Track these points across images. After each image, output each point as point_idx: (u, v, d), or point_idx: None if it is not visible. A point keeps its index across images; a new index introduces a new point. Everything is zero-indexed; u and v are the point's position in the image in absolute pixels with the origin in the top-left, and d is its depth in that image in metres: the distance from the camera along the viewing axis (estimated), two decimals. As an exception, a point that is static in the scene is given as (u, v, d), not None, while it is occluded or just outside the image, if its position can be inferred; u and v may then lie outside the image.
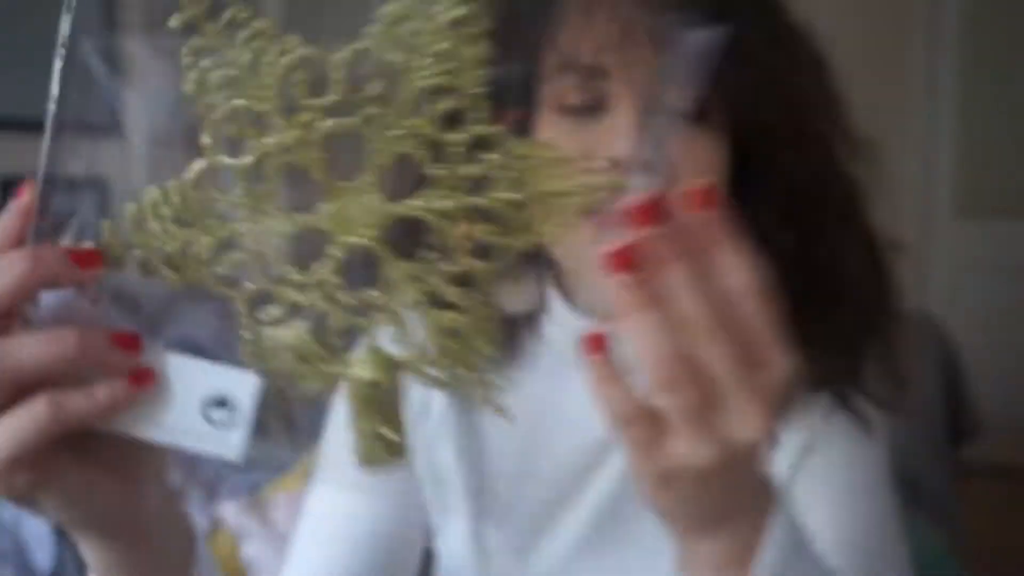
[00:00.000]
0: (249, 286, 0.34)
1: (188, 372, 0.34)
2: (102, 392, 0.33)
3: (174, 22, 0.31)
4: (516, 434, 0.65)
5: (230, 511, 1.13)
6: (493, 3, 0.60)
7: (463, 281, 0.34)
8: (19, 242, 0.35)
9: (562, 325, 0.64)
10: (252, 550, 1.12)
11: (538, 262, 0.65)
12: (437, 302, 0.34)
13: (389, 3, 0.31)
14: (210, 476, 1.37)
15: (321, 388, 0.36)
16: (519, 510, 0.65)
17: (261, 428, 0.37)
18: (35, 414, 0.32)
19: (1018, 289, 2.76)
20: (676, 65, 0.47)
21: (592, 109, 0.57)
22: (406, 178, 0.34)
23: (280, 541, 1.11)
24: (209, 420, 0.35)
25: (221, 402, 0.35)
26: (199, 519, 1.27)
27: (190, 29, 0.31)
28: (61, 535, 1.02)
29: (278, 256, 0.34)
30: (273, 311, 0.34)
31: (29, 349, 0.32)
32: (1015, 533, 2.48)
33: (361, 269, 0.34)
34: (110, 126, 0.38)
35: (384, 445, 0.35)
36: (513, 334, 0.66)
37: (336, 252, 0.33)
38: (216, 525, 1.25)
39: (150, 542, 0.40)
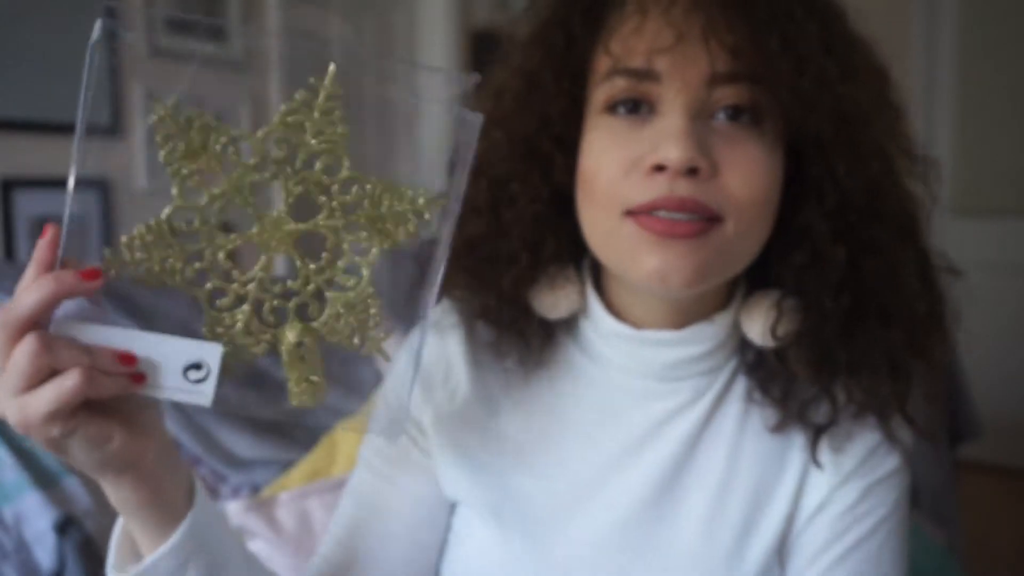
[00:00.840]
0: (208, 286, 0.50)
1: (173, 347, 0.49)
2: (115, 381, 0.47)
3: (150, 121, 0.48)
4: (541, 430, 0.65)
5: (233, 510, 1.14)
6: (543, 6, 0.61)
7: (351, 271, 0.51)
8: (51, 265, 0.47)
9: (599, 329, 0.64)
10: (255, 548, 1.12)
11: (582, 269, 0.65)
12: (335, 286, 0.51)
13: (284, 105, 0.48)
14: (211, 477, 1.37)
15: (263, 351, 0.51)
16: (538, 504, 0.64)
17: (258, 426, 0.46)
18: (73, 379, 0.45)
19: (1017, 288, 2.76)
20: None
21: (641, 112, 0.57)
22: (304, 208, 0.49)
23: (283, 539, 1.11)
24: (188, 379, 0.49)
25: (196, 366, 0.49)
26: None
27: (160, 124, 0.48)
28: (63, 534, 1.02)
29: (226, 263, 0.50)
30: (225, 301, 0.50)
31: (21, 298, 0.46)
32: (1015, 533, 2.48)
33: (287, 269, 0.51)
34: (110, 126, 0.47)
35: (312, 388, 0.52)
36: (550, 337, 0.66)
37: (265, 259, 0.51)
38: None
39: (156, 480, 0.51)
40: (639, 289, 0.60)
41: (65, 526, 1.03)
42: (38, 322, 0.46)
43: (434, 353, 0.68)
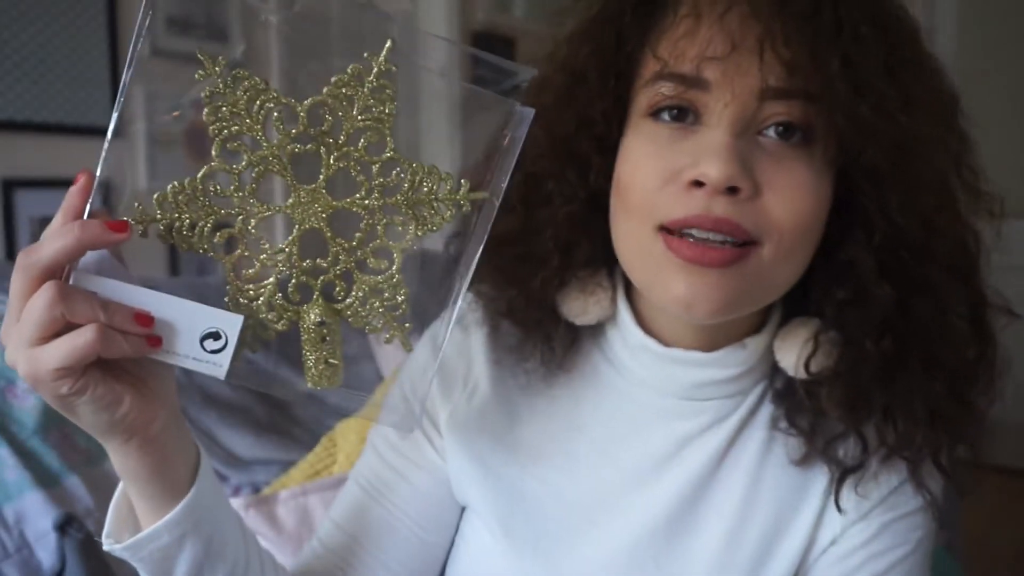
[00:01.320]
0: (235, 253, 0.49)
1: (193, 312, 0.47)
2: (130, 342, 0.46)
3: (198, 76, 0.46)
4: (558, 439, 0.64)
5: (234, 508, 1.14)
6: (591, 6, 0.59)
7: (382, 255, 0.50)
8: (79, 214, 0.46)
9: (627, 341, 0.62)
10: (254, 548, 1.12)
11: (615, 275, 0.62)
12: (365, 269, 0.50)
13: (335, 76, 0.47)
14: (211, 475, 1.38)
15: (283, 328, 0.50)
16: (550, 518, 0.63)
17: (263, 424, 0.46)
18: (87, 336, 0.44)
19: (1015, 288, 2.76)
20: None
21: (687, 121, 0.54)
22: (342, 185, 0.48)
23: (283, 537, 1.11)
24: (204, 348, 0.47)
25: (215, 335, 0.47)
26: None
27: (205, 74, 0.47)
28: (64, 534, 1.02)
29: (256, 233, 0.49)
30: (251, 272, 0.49)
31: (44, 244, 0.44)
32: (1015, 533, 2.48)
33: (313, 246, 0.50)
34: (112, 128, 0.50)
35: (330, 370, 0.50)
36: (575, 342, 0.64)
37: (297, 231, 0.49)
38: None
39: (162, 449, 0.51)
40: (665, 311, 0.59)
41: (66, 525, 1.03)
42: (58, 271, 0.45)
43: (455, 350, 0.67)
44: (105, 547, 0.53)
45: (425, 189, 0.48)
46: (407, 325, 0.50)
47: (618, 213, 0.57)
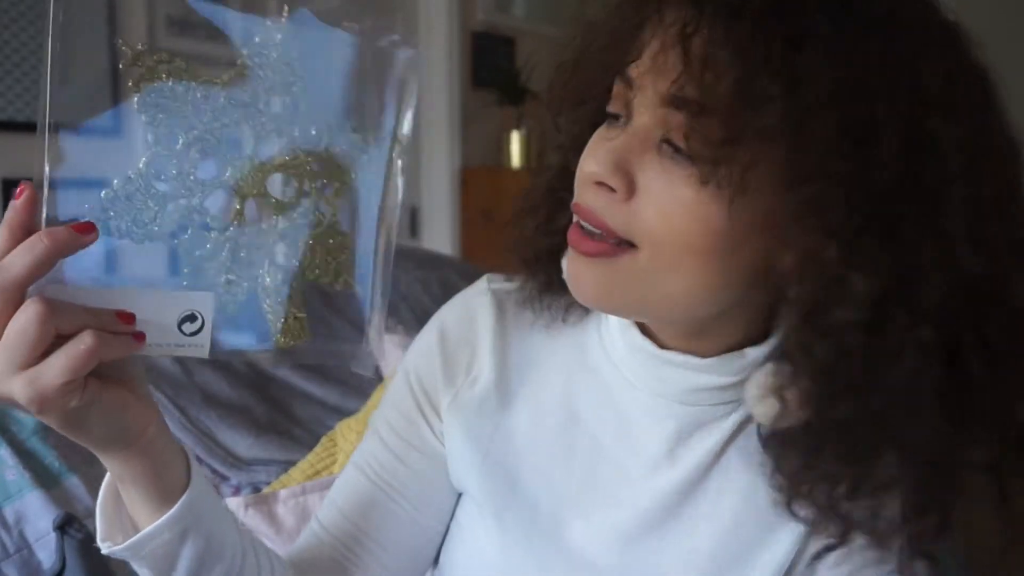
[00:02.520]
0: (186, 235, 0.49)
1: (165, 300, 0.47)
2: (120, 342, 0.45)
3: (121, 65, 0.47)
4: (553, 430, 0.64)
5: (232, 507, 1.14)
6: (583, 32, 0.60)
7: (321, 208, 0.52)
8: (29, 227, 0.44)
9: (624, 335, 0.62)
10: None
11: None
12: (307, 224, 0.52)
13: (244, 49, 0.50)
14: (212, 477, 1.38)
15: (244, 296, 0.51)
16: (542, 510, 0.63)
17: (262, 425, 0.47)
18: (87, 343, 0.43)
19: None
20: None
21: (620, 122, 0.55)
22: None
23: (283, 536, 1.11)
24: (184, 333, 0.48)
25: (191, 317, 0.48)
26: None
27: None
28: (64, 534, 1.02)
29: (202, 210, 0.49)
30: (206, 248, 0.50)
31: (14, 260, 0.43)
32: (1014, 533, 2.47)
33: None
34: (111, 127, 0.50)
35: (298, 325, 0.53)
36: (578, 311, 0.65)
37: (239, 202, 0.50)
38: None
39: (159, 451, 0.51)
40: None
41: (66, 525, 1.03)
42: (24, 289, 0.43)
43: (460, 335, 0.67)
44: (104, 551, 0.53)
45: (334, 143, 0.51)
46: (352, 271, 0.54)
47: None
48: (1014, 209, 0.51)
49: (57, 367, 0.42)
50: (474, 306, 0.68)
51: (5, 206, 1.85)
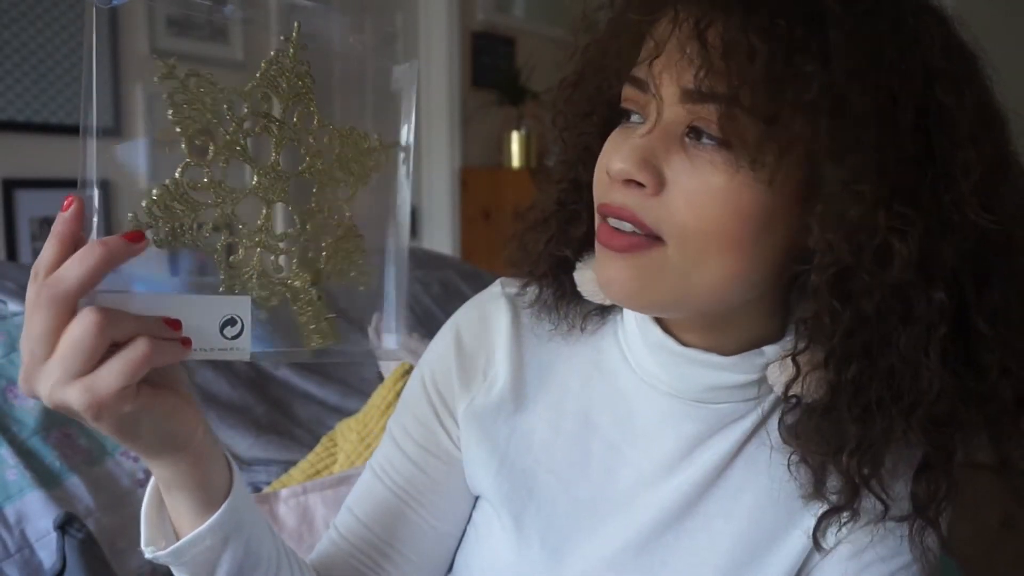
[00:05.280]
0: (222, 241, 0.51)
1: (206, 306, 0.49)
2: (170, 348, 0.46)
3: (155, 77, 0.48)
4: (571, 434, 0.64)
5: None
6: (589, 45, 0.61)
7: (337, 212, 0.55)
8: (76, 239, 0.45)
9: (645, 335, 0.62)
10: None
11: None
12: (327, 229, 0.54)
13: (263, 63, 0.52)
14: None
15: (276, 303, 0.53)
16: (560, 513, 0.64)
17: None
18: (141, 350, 0.44)
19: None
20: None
21: (633, 121, 0.56)
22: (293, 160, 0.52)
23: (284, 535, 1.11)
24: (226, 336, 0.49)
25: (231, 321, 0.49)
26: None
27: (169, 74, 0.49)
28: (65, 533, 1.02)
29: (233, 217, 0.51)
30: (238, 256, 0.51)
31: (68, 271, 0.43)
32: (1010, 532, 2.48)
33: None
34: (112, 127, 0.50)
35: (329, 326, 0.55)
36: (595, 318, 0.66)
37: (266, 209, 0.53)
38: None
39: (205, 455, 0.52)
40: None
41: (67, 525, 1.03)
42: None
43: (476, 340, 0.67)
44: (147, 555, 0.54)
45: (352, 146, 0.54)
46: (371, 269, 0.56)
47: None
48: (1013, 170, 0.54)
49: (113, 374, 0.43)
50: (489, 311, 0.68)
51: (5, 206, 1.86)
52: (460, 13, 3.15)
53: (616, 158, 0.53)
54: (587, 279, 0.63)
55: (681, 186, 0.52)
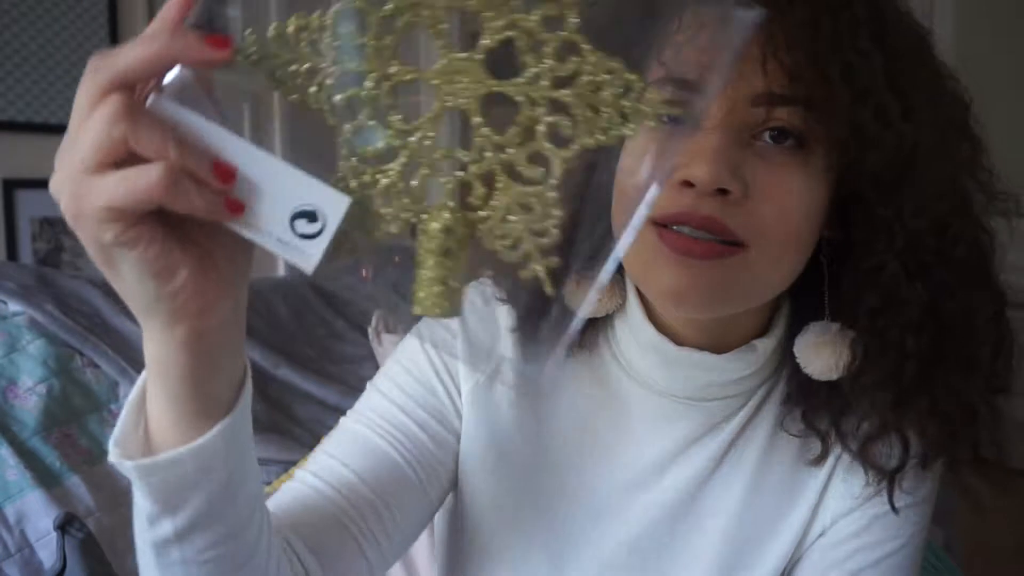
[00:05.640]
0: (357, 120, 0.38)
1: (288, 179, 0.37)
2: (203, 198, 0.36)
3: None
4: (564, 435, 0.64)
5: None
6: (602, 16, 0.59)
7: (538, 162, 0.38)
8: (177, 24, 0.37)
9: (638, 338, 0.62)
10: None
11: (620, 269, 0.62)
12: (513, 175, 0.38)
13: None
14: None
15: (396, 229, 0.39)
16: (557, 510, 0.64)
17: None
18: (150, 176, 0.35)
19: (1014, 288, 2.77)
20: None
21: (685, 124, 0.54)
22: (507, 63, 0.39)
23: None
24: (294, 230, 0.37)
25: (310, 215, 0.37)
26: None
27: None
28: (65, 533, 1.02)
29: (388, 98, 0.38)
30: (373, 148, 0.38)
31: (124, 50, 0.35)
32: (1013, 533, 2.48)
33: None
34: None
35: (447, 294, 0.39)
36: (585, 334, 0.64)
37: (438, 106, 0.38)
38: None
39: (211, 351, 0.40)
40: (657, 304, 0.59)
41: (67, 525, 1.03)
42: (133, 87, 0.36)
43: (482, 323, 0.65)
44: (111, 459, 0.43)
45: (607, 92, 0.37)
46: (553, 259, 0.39)
47: (616, 204, 0.57)
48: (968, 148, 0.57)
49: (106, 187, 0.35)
50: (493, 303, 0.65)
51: (5, 206, 1.86)
52: (459, 13, 3.15)
53: (701, 165, 0.51)
54: (569, 288, 0.61)
55: (765, 190, 0.52)
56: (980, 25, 3.02)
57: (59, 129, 2.30)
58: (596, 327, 0.65)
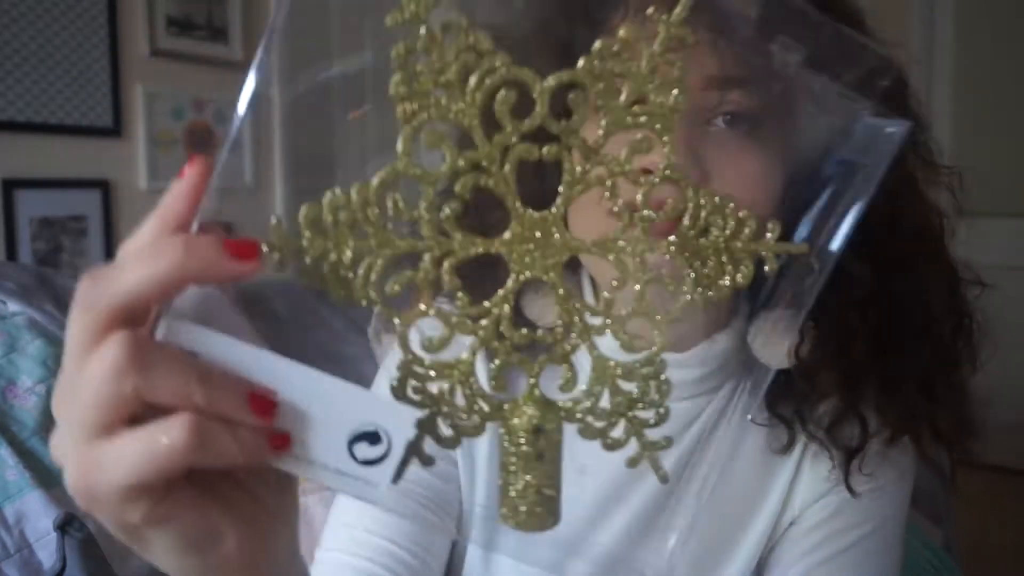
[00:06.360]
0: (417, 308, 0.32)
1: (341, 396, 0.31)
2: (244, 442, 0.29)
3: (390, 21, 0.29)
4: None
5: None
6: (543, 5, 0.58)
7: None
8: (184, 226, 0.30)
9: (597, 344, 0.61)
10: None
11: (580, 275, 0.62)
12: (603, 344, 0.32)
13: (599, 38, 0.31)
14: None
15: (473, 433, 0.32)
16: (535, 541, 0.62)
17: None
18: (173, 437, 0.28)
19: (1014, 288, 2.77)
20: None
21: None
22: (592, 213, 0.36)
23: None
24: (354, 456, 0.31)
25: (372, 437, 0.31)
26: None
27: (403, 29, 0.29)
28: (64, 534, 1.02)
29: (452, 280, 0.31)
30: (436, 339, 0.31)
31: (126, 270, 0.29)
32: (1013, 533, 2.48)
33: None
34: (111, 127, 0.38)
35: (544, 504, 0.32)
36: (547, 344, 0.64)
37: (513, 282, 0.32)
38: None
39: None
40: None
41: (67, 525, 1.03)
42: (141, 314, 0.29)
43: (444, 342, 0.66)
44: None
45: (715, 233, 0.33)
46: (664, 441, 0.33)
47: (574, 205, 0.58)
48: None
49: (121, 459, 0.28)
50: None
51: (5, 206, 1.86)
52: (460, 13, 3.15)
53: (659, 153, 0.51)
54: (532, 302, 0.60)
55: (724, 174, 0.51)
56: (980, 25, 3.02)
57: (59, 129, 2.29)
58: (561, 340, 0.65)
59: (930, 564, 1.17)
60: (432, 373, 0.32)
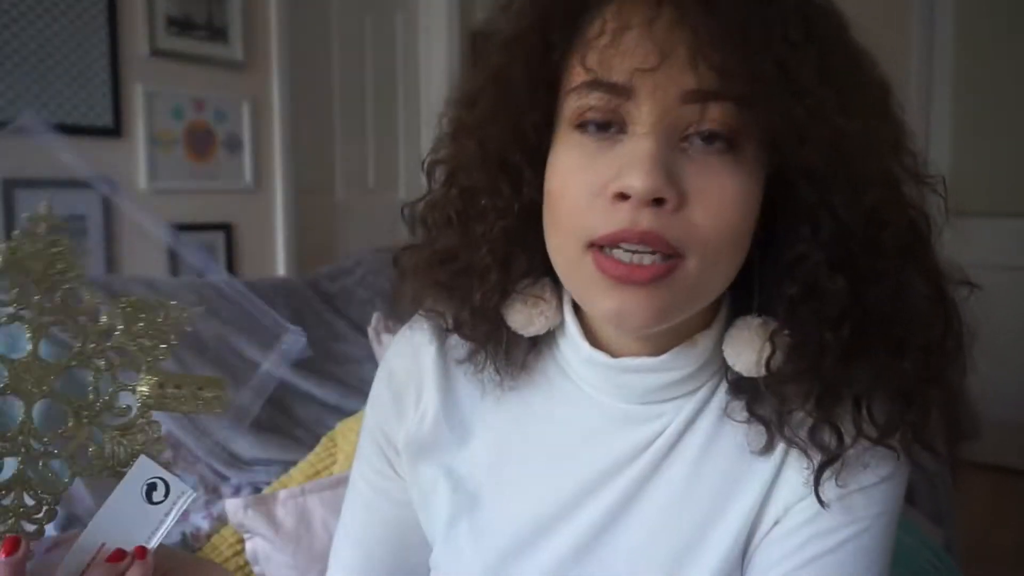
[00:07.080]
0: None
1: (124, 504, 0.46)
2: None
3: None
4: (514, 452, 0.64)
5: (232, 508, 1.14)
6: (520, 15, 0.58)
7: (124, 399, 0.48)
8: None
9: (579, 352, 0.61)
10: (255, 546, 1.12)
11: (559, 285, 0.61)
12: (109, 419, 0.49)
13: (3, 244, 0.45)
14: (212, 477, 1.38)
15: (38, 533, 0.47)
16: (501, 527, 0.62)
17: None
18: None
19: (1014, 288, 2.77)
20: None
21: (611, 132, 0.53)
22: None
23: (282, 536, 1.11)
24: (152, 501, 0.46)
25: (152, 486, 0.47)
26: (201, 518, 1.27)
27: None
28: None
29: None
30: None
31: None
32: (1012, 533, 2.48)
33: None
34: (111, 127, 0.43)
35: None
36: (528, 351, 0.64)
37: (24, 409, 0.47)
38: (219, 522, 1.26)
39: None
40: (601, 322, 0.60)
41: (67, 526, 1.03)
42: None
43: (406, 372, 0.67)
44: None
45: (141, 323, 0.48)
46: (163, 446, 0.50)
47: (549, 227, 0.56)
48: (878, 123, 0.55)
49: None
50: (417, 342, 0.67)
51: (5, 206, 1.86)
52: (460, 13, 3.15)
53: (636, 175, 0.49)
54: (515, 311, 0.61)
55: (702, 195, 0.51)
56: (980, 25, 3.02)
57: (59, 129, 2.28)
58: (541, 343, 0.65)
59: (930, 564, 1.17)
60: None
